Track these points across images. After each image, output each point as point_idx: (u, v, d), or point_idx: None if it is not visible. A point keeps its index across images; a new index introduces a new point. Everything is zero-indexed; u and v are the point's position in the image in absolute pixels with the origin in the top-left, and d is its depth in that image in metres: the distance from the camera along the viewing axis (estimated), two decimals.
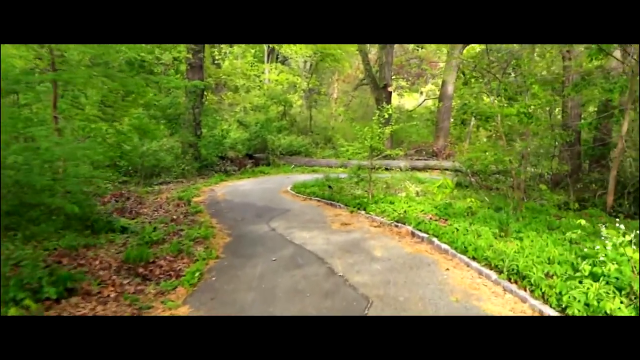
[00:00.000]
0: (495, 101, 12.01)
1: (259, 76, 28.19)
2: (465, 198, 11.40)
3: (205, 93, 19.85)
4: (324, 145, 25.27)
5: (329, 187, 13.54)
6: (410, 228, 8.50)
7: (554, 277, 5.49)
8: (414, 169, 20.28)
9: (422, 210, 9.89)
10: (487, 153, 10.55)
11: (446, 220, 9.11)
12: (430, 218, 9.30)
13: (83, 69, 7.63)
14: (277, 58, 30.61)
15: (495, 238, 7.53)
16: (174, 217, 10.03)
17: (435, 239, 7.65)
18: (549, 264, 5.94)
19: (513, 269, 5.77)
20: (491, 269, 6.13)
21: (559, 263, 5.89)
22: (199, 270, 6.31)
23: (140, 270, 6.38)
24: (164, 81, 15.67)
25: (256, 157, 20.89)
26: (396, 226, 8.88)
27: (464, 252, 6.85)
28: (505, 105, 12.62)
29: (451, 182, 9.40)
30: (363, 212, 10.24)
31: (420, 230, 8.26)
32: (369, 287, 5.72)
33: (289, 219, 9.78)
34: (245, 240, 8.19)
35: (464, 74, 25.88)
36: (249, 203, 11.76)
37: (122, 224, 8.58)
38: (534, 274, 5.44)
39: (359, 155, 10.98)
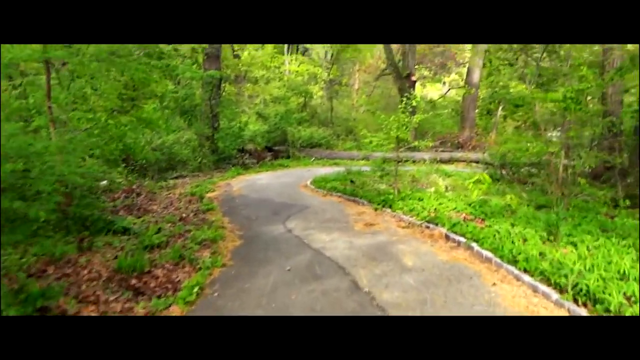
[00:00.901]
0: (532, 87, 10.74)
1: (279, 67, 27.06)
2: (499, 194, 10.16)
3: (223, 84, 18.83)
4: (345, 137, 24.04)
5: (351, 181, 12.42)
6: (443, 230, 7.32)
7: (632, 299, 4.29)
8: (439, 161, 18.98)
9: (455, 208, 8.70)
10: (528, 144, 9.25)
11: (483, 220, 7.91)
12: (465, 217, 8.12)
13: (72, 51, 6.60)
14: (297, 49, 29.41)
15: (544, 243, 6.33)
16: (184, 215, 9.05)
17: (474, 245, 6.46)
18: (621, 280, 4.74)
19: (580, 289, 4.57)
20: (549, 286, 4.92)
21: (635, 279, 4.67)
22: (199, 283, 5.25)
23: (133, 282, 5.37)
24: (179, 70, 14.69)
25: (275, 149, 19.83)
26: (427, 227, 7.70)
27: (512, 262, 5.64)
28: (540, 91, 11.34)
29: (488, 177, 8.15)
30: (389, 210, 9.08)
31: (455, 233, 7.08)
32: (402, 308, 4.59)
33: (308, 218, 8.69)
34: (258, 243, 7.13)
35: (490, 62, 24.31)
36: (266, 199, 10.70)
37: (123, 225, 7.60)
38: (611, 296, 4.24)
39: (385, 147, 9.80)
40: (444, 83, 34.43)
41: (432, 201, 9.15)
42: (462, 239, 6.77)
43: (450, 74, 31.12)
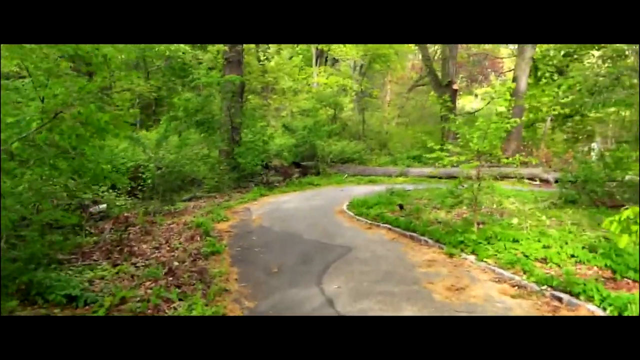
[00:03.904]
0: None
1: (306, 78, 23.96)
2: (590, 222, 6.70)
3: (245, 94, 15.80)
4: (379, 151, 20.69)
5: (399, 206, 9.15)
6: (597, 311, 3.96)
7: None
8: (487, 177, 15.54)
9: (573, 256, 5.36)
10: None
11: (636, 282, 4.56)
12: (600, 274, 4.79)
13: None
14: (325, 60, 26.29)
15: None
16: (176, 263, 5.91)
17: None
18: None
19: None
20: None
21: None
22: None
23: None
24: (194, 76, 11.74)
25: (304, 165, 16.62)
26: (558, 299, 4.35)
27: None
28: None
29: None
30: (471, 257, 5.76)
31: None
32: None
33: (354, 273, 5.42)
34: None
35: (536, 69, 20.72)
36: (293, 234, 7.49)
37: (69, 290, 4.50)
38: None
39: (468, 165, 6.53)
40: (476, 95, 31.01)
41: (533, 243, 5.81)
42: None
43: (487, 85, 27.55)
